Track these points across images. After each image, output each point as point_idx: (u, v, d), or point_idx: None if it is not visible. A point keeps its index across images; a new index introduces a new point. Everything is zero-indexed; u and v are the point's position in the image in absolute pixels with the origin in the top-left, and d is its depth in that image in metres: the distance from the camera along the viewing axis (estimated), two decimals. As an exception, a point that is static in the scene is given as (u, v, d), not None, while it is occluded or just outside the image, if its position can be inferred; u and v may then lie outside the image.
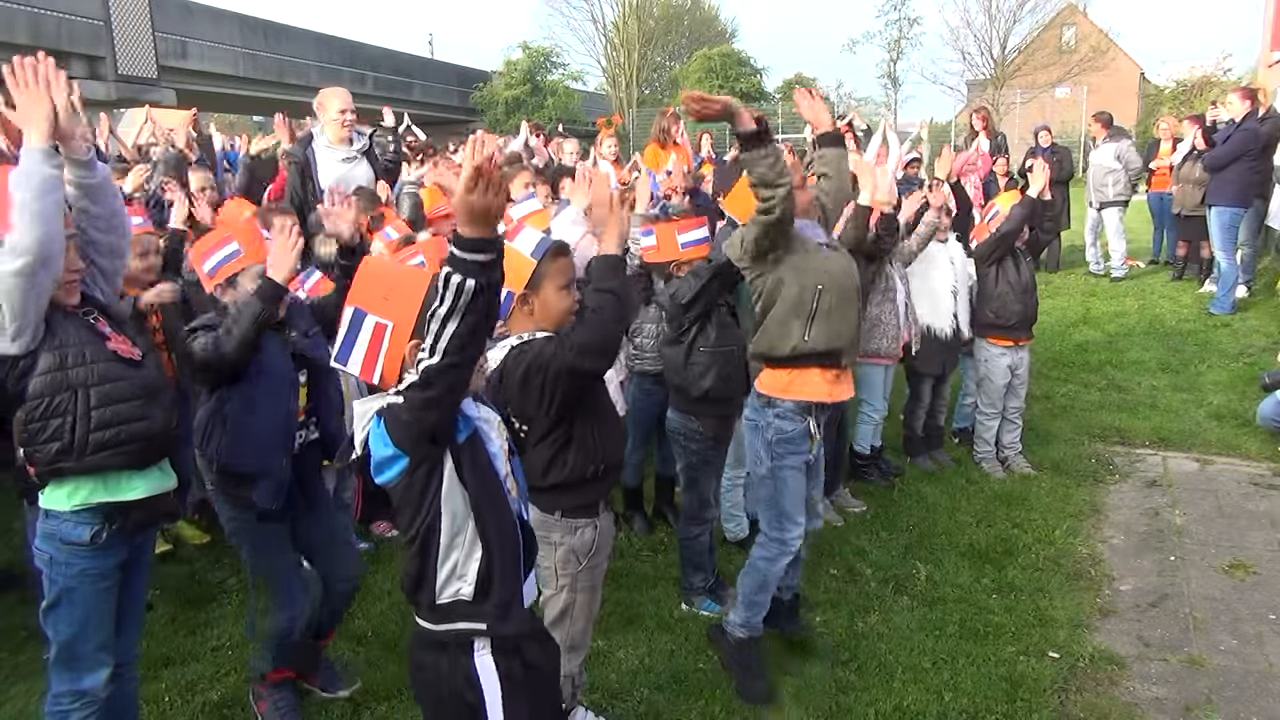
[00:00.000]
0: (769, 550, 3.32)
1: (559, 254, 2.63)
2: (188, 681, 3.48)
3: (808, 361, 3.16)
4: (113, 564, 2.60)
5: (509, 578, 2.12)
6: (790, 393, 3.20)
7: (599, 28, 40.36)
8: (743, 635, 3.40)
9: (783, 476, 3.24)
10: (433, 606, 2.09)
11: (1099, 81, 31.44)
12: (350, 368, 2.08)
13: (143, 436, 2.56)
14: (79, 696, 2.59)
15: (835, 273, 3.20)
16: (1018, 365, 5.54)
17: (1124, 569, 4.40)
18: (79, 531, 2.52)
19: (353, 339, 2.07)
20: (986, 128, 11.47)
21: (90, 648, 2.59)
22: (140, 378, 2.59)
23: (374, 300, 2.08)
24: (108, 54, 22.65)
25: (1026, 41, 35.84)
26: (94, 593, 2.57)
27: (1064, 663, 3.60)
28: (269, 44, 28.72)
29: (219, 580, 4.29)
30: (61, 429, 2.45)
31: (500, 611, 2.10)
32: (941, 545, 4.60)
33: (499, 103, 34.74)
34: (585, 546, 2.74)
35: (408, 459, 2.00)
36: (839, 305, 3.15)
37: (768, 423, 3.22)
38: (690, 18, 43.13)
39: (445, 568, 2.07)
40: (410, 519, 2.06)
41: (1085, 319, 9.42)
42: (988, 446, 5.65)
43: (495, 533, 2.09)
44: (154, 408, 2.60)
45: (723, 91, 36.18)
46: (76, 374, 2.47)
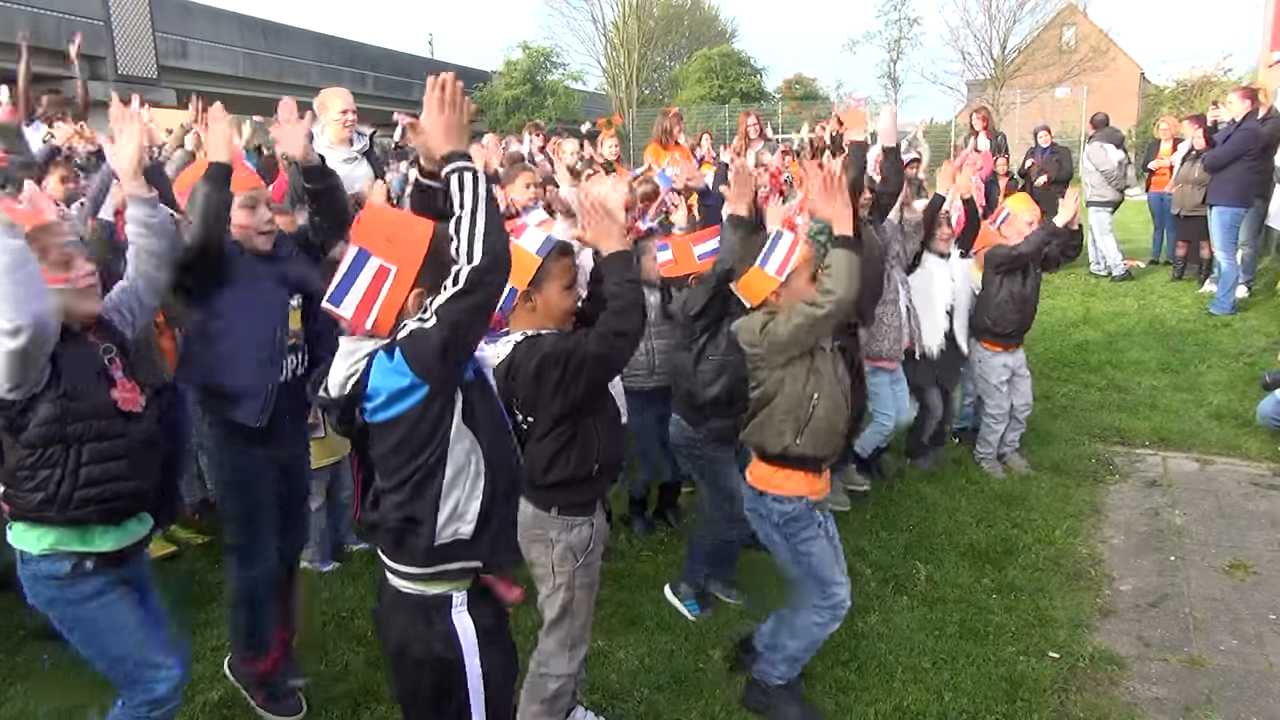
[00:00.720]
0: (822, 616, 3.21)
1: (564, 253, 2.66)
2: (190, 680, 3.47)
3: (794, 464, 3.13)
4: (107, 581, 2.49)
5: (505, 511, 2.16)
6: (777, 489, 3.16)
7: (599, 28, 40.45)
8: (781, 684, 3.30)
9: (805, 551, 3.16)
10: (428, 550, 2.06)
11: (1099, 82, 31.46)
12: (343, 310, 2.01)
13: (126, 495, 2.48)
14: (156, 705, 2.51)
15: (830, 379, 3.11)
16: (1017, 365, 5.54)
17: (1124, 569, 4.40)
18: (58, 566, 2.42)
19: (351, 280, 2.00)
20: (986, 128, 11.49)
21: (135, 661, 2.48)
22: (135, 434, 2.49)
23: (378, 242, 2.03)
24: (108, 54, 22.67)
25: (1026, 41, 35.88)
26: (103, 608, 2.46)
27: (1064, 663, 3.60)
28: (269, 44, 28.73)
29: (219, 580, 4.26)
30: (49, 480, 2.37)
31: (494, 545, 2.12)
32: (941, 545, 4.60)
33: (499, 103, 34.76)
34: (582, 544, 2.75)
35: (428, 389, 1.96)
36: (830, 414, 3.10)
37: (768, 509, 3.17)
38: (690, 18, 43.15)
39: (446, 508, 2.04)
40: (407, 459, 2.02)
41: (1085, 319, 9.43)
42: (989, 449, 5.62)
43: (501, 468, 2.11)
44: (142, 467, 2.51)
45: (722, 92, 36.03)
46: (74, 429, 2.38)
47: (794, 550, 3.15)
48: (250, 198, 3.03)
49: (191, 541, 4.69)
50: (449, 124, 2.07)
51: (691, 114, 31.39)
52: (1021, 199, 5.71)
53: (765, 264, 3.09)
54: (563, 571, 2.76)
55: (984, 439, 5.65)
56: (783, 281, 3.07)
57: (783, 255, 3.08)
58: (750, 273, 3.14)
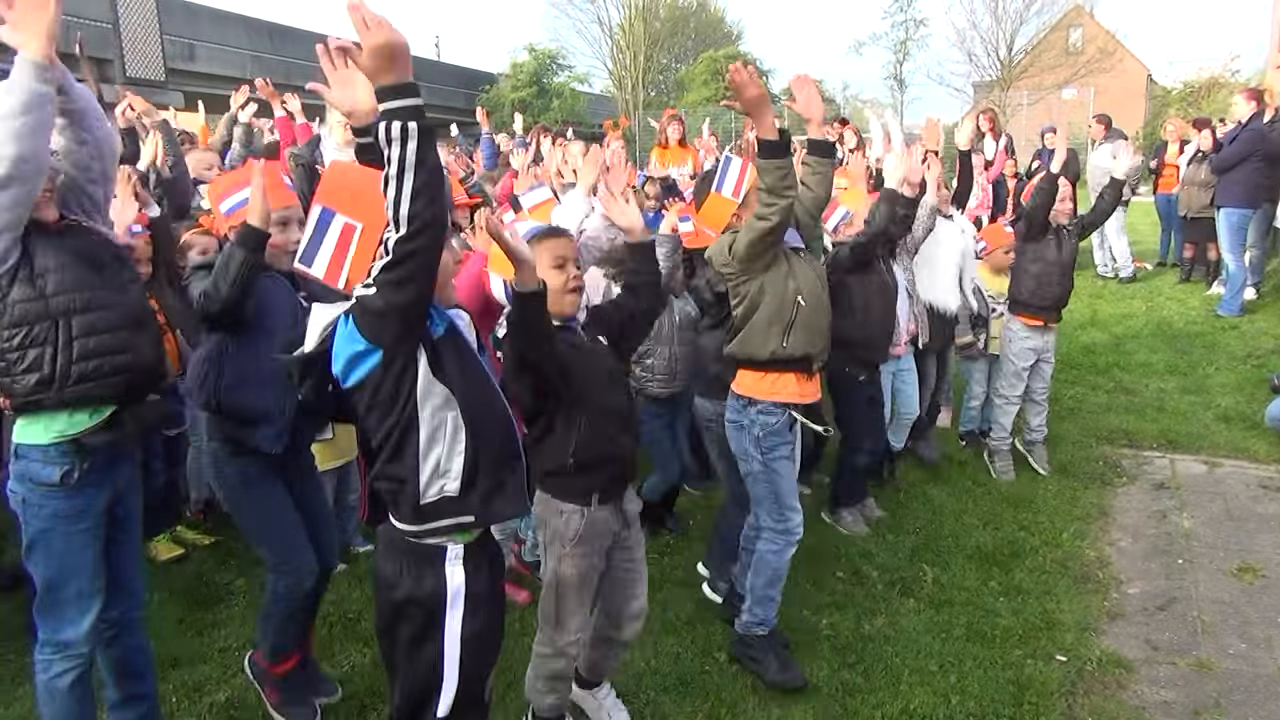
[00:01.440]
0: (775, 543, 3.39)
1: (548, 235, 2.68)
2: (195, 682, 3.48)
3: (784, 367, 3.25)
4: (88, 506, 2.48)
5: (497, 465, 2.12)
6: (767, 394, 3.28)
7: (605, 30, 40.44)
8: (763, 633, 3.44)
9: (775, 468, 3.32)
10: (416, 509, 2.07)
11: (1106, 83, 31.39)
12: (315, 270, 2.01)
13: (126, 369, 2.45)
14: (60, 648, 2.50)
15: (811, 281, 3.27)
16: (1044, 350, 5.48)
17: (1132, 572, 4.38)
18: (48, 471, 2.41)
19: (319, 240, 1.99)
20: (993, 129, 11.46)
21: (69, 594, 2.47)
22: (121, 304, 2.47)
23: (342, 199, 2.00)
24: (115, 57, 22.74)
25: (1033, 43, 35.80)
26: (68, 535, 2.45)
27: (1071, 666, 3.59)
28: (275, 46, 28.82)
29: (226, 582, 4.29)
30: (40, 360, 2.33)
31: (486, 495, 2.09)
32: (948, 548, 4.59)
33: (505, 105, 34.78)
34: (571, 531, 2.72)
35: (381, 353, 1.94)
36: (814, 313, 3.24)
37: (752, 420, 3.29)
38: (696, 20, 43.15)
39: (427, 467, 2.04)
40: (380, 421, 2.02)
41: (1093, 321, 9.40)
42: (1004, 434, 5.55)
43: (484, 422, 2.08)
44: (140, 338, 2.49)
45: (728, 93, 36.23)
46: (57, 302, 2.34)
47: (765, 465, 3.29)
48: (284, 216, 2.97)
49: (198, 543, 4.69)
50: (376, 49, 1.74)
51: (698, 116, 31.35)
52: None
53: (721, 188, 3.29)
54: (550, 552, 2.78)
55: (998, 423, 5.58)
56: (740, 202, 3.26)
57: (735, 177, 3.24)
58: (709, 199, 3.32)
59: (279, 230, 2.93)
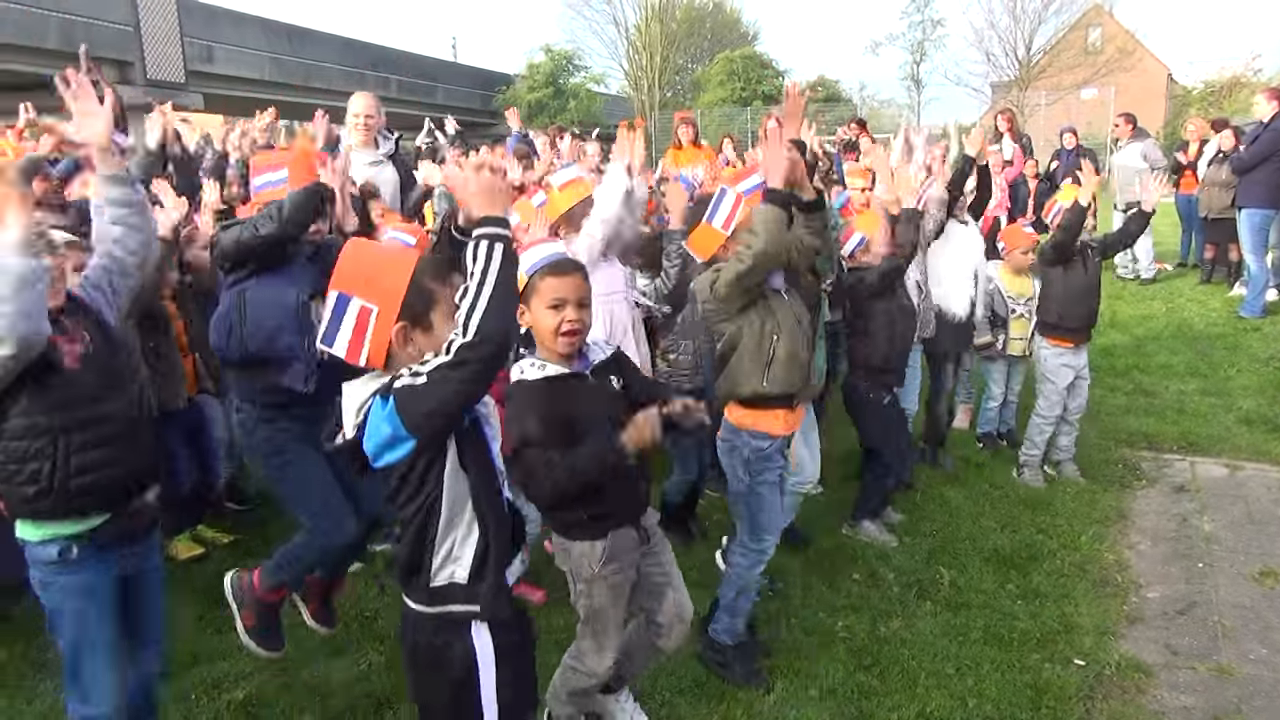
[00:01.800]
0: (747, 559, 3.48)
1: (553, 272, 2.57)
2: (214, 679, 3.51)
3: (766, 404, 3.33)
4: (94, 581, 2.47)
5: (502, 562, 2.15)
6: (754, 426, 3.37)
7: (621, 30, 40.49)
8: (730, 641, 3.51)
9: (760, 493, 3.40)
10: (428, 590, 2.12)
11: (1126, 82, 31.17)
12: (336, 350, 2.06)
13: (121, 480, 2.47)
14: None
15: (789, 320, 3.32)
16: (1081, 367, 5.44)
17: (1151, 576, 4.35)
18: (47, 551, 2.42)
19: (337, 323, 2.04)
20: (1011, 129, 11.40)
21: (89, 671, 2.49)
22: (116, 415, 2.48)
23: (357, 284, 2.05)
24: (136, 59, 22.96)
25: (1051, 42, 35.61)
26: (78, 611, 2.46)
27: (1090, 670, 3.57)
28: (294, 48, 28.99)
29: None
30: (39, 473, 2.35)
31: (493, 593, 2.12)
32: (965, 550, 4.56)
33: (522, 105, 34.85)
34: (595, 554, 2.72)
35: (415, 442, 1.96)
36: (792, 351, 3.29)
37: (743, 443, 3.38)
38: (712, 20, 43.14)
39: (441, 551, 2.09)
40: (407, 501, 2.07)
41: (1112, 322, 9.32)
42: (1036, 451, 5.50)
43: (493, 517, 2.11)
44: (133, 448, 2.50)
45: (744, 94, 36.01)
46: (57, 419, 2.36)
47: (750, 486, 3.39)
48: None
49: (218, 541, 4.73)
50: (488, 187, 2.04)
51: (714, 116, 31.41)
52: (1072, 190, 5.61)
53: (712, 219, 3.33)
54: (579, 578, 2.78)
55: (1031, 440, 5.51)
56: (729, 235, 3.28)
57: (728, 211, 3.27)
58: (699, 229, 3.38)
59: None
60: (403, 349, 2.04)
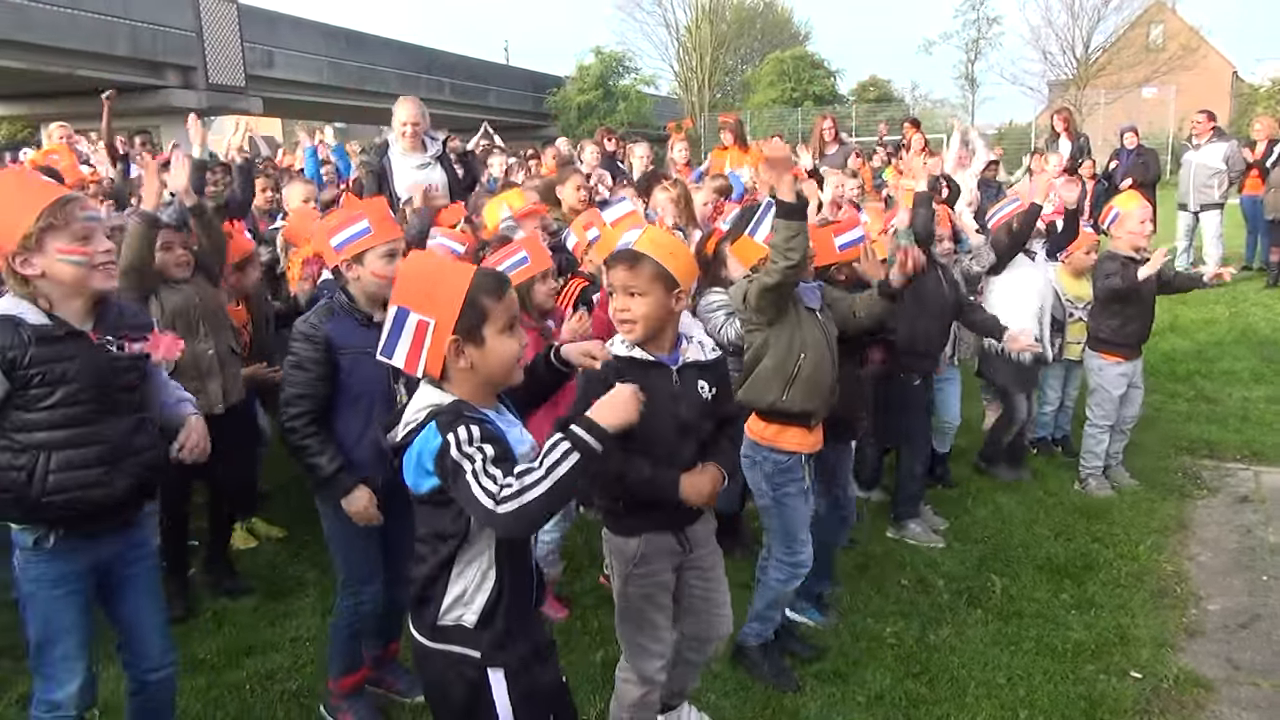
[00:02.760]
0: (782, 573, 3.45)
1: (611, 262, 2.62)
2: (268, 671, 3.59)
3: (784, 419, 3.34)
4: (69, 571, 2.47)
5: (515, 613, 2.13)
6: (772, 441, 3.37)
7: (672, 32, 40.56)
8: (757, 643, 3.54)
9: (786, 504, 3.39)
10: (433, 626, 2.11)
11: (1188, 81, 30.38)
12: (395, 361, 2.11)
13: (94, 504, 2.43)
14: (51, 707, 2.52)
15: (817, 339, 3.32)
16: (1133, 375, 5.32)
17: (1212, 588, 4.23)
18: (23, 537, 2.43)
19: (396, 335, 2.10)
20: (1068, 129, 11.18)
21: (55, 656, 2.49)
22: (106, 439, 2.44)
23: (416, 298, 2.10)
24: (199, 64, 23.59)
25: (1111, 40, 34.87)
26: (50, 599, 2.46)
27: (1147, 683, 3.48)
28: (350, 52, 29.55)
29: (298, 574, 4.42)
30: (14, 482, 2.34)
31: (498, 641, 2.10)
32: (1018, 558, 4.48)
33: (572, 107, 35.12)
34: (631, 554, 2.71)
35: (440, 483, 1.99)
36: (816, 371, 3.30)
37: (764, 456, 3.39)
38: (763, 21, 43.01)
39: (453, 591, 2.09)
40: (430, 533, 2.09)
41: (1173, 327, 9.08)
42: (1097, 462, 5.36)
43: (511, 571, 2.10)
44: (115, 474, 2.46)
45: (795, 95, 35.86)
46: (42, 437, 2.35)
47: (776, 500, 3.39)
48: (391, 249, 3.00)
49: (271, 535, 4.84)
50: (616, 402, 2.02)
51: (763, 117, 31.30)
52: (1130, 196, 5.46)
53: (754, 233, 3.34)
54: (617, 574, 2.79)
55: (1090, 451, 5.37)
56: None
57: (770, 225, 3.23)
58: (741, 240, 3.44)
59: (386, 262, 2.98)
60: (455, 362, 2.06)
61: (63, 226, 2.32)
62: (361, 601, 3.15)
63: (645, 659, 2.80)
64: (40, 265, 2.33)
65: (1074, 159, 10.72)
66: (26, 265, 2.32)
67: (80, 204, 2.41)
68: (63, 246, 2.33)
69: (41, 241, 2.31)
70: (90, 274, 2.38)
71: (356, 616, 3.17)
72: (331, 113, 32.49)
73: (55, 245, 2.32)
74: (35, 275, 2.33)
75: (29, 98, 24.41)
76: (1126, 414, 5.37)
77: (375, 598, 3.17)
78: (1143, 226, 5.13)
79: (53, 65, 20.56)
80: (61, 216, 2.33)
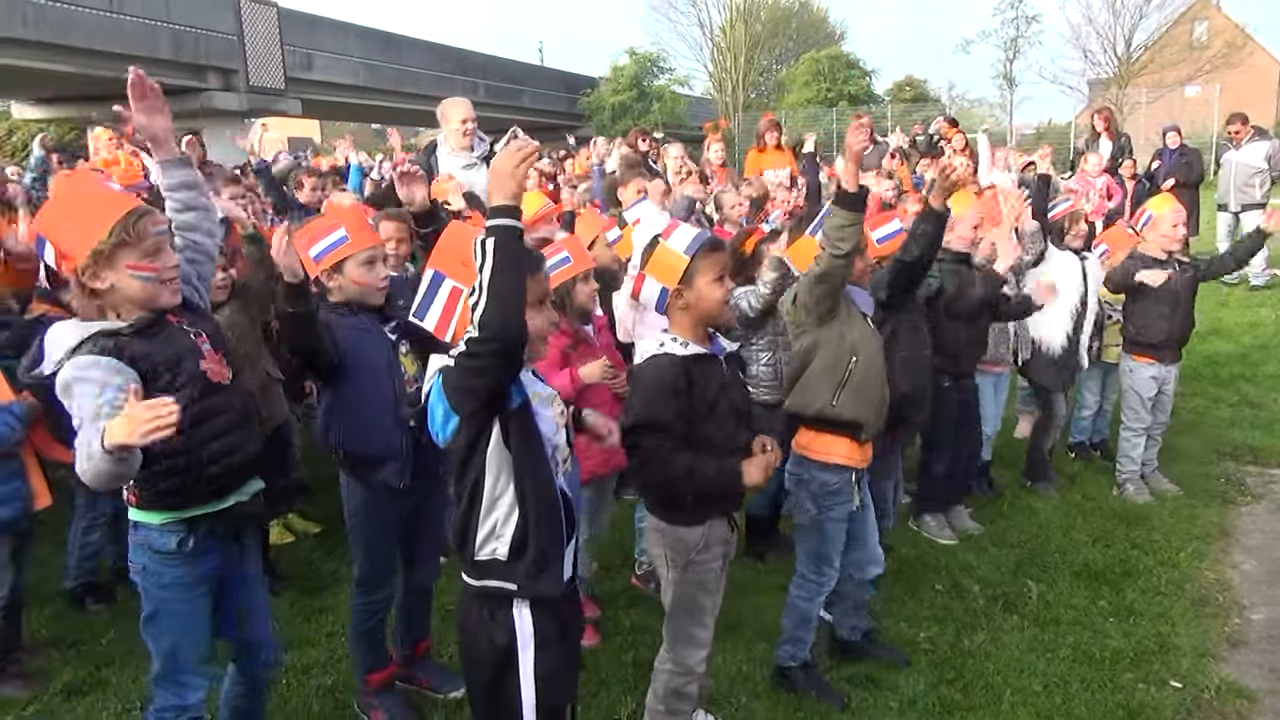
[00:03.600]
0: (806, 590, 3.41)
1: (713, 249, 2.66)
2: (303, 665, 3.64)
3: (833, 428, 3.26)
4: (203, 572, 2.52)
5: (546, 543, 2.20)
6: (820, 454, 3.29)
7: (706, 32, 40.45)
8: (795, 664, 3.48)
9: (826, 528, 3.33)
10: (472, 562, 2.22)
11: (1233, 79, 29.72)
12: (426, 324, 2.21)
13: (240, 466, 2.52)
14: (182, 711, 2.55)
15: (869, 345, 3.26)
16: (1165, 380, 5.23)
17: (1256, 597, 4.14)
18: (164, 540, 2.45)
19: (430, 298, 2.19)
20: (1109, 129, 10.99)
21: (189, 660, 2.54)
22: (233, 405, 2.51)
23: (452, 265, 2.19)
24: (240, 67, 23.94)
25: (1154, 38, 34.18)
26: (185, 602, 2.50)
27: (1187, 693, 3.42)
28: (387, 54, 29.85)
29: (333, 569, 4.47)
30: (174, 468, 2.39)
31: (533, 572, 2.18)
32: (1055, 564, 4.42)
33: (606, 108, 35.17)
34: (692, 543, 2.75)
35: (457, 418, 2.10)
36: (868, 378, 3.23)
37: (810, 476, 3.31)
38: (798, 20, 42.76)
39: (485, 527, 2.19)
40: (460, 475, 2.18)
41: (1216, 330, 8.90)
42: (1134, 466, 5.28)
43: (534, 499, 2.17)
44: (247, 434, 2.55)
45: (830, 95, 35.62)
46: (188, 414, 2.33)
47: (817, 520, 3.31)
48: (370, 255, 3.04)
49: (309, 531, 4.91)
50: (500, 171, 2.04)
51: (798, 118, 31.10)
52: (1164, 199, 5.36)
53: (816, 233, 3.34)
54: (674, 565, 2.79)
55: (1126, 455, 5.31)
56: None
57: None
58: (801, 240, 3.44)
59: (366, 269, 3.02)
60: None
61: (135, 242, 2.31)
62: (373, 600, 3.22)
63: (692, 649, 2.84)
64: (110, 279, 2.31)
65: (1114, 159, 10.54)
66: (95, 279, 2.31)
67: (152, 219, 2.39)
68: (133, 262, 2.31)
69: (113, 257, 2.29)
70: (159, 289, 2.38)
71: (369, 614, 3.23)
72: (368, 114, 32.86)
73: (126, 261, 2.30)
74: (103, 289, 2.32)
75: (75, 100, 24.96)
76: (1156, 419, 5.29)
77: (388, 597, 3.24)
78: (1175, 230, 5.05)
79: (98, 69, 20.98)
80: (134, 232, 2.31)
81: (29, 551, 3.77)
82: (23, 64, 19.78)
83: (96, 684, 3.56)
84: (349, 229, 3.01)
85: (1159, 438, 5.38)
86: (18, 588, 3.64)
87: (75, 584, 4.14)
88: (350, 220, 3.08)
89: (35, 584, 4.08)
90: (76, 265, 2.31)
